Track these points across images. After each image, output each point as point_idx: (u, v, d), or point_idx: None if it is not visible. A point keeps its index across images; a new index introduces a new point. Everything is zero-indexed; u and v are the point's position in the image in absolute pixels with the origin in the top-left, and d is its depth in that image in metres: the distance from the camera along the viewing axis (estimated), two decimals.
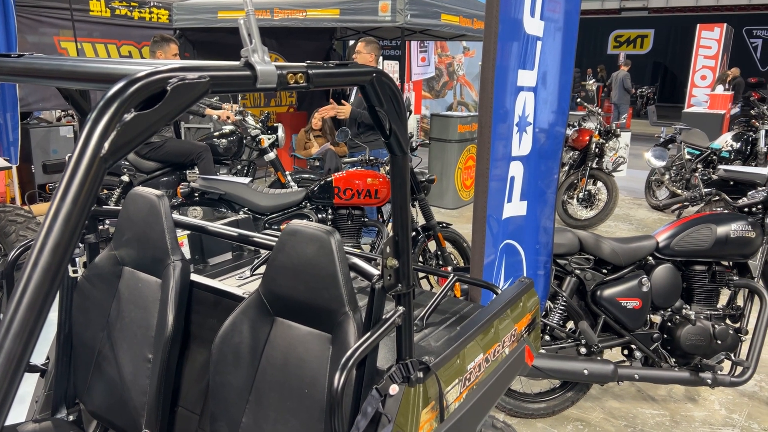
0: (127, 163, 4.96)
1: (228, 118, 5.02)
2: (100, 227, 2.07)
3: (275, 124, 5.35)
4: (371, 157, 4.33)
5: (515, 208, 2.41)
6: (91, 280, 1.94)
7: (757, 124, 13.03)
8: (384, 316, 1.37)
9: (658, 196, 7.30)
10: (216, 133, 5.28)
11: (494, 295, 2.11)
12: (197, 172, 5.12)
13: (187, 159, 5.02)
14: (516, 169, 2.36)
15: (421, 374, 1.41)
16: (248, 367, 1.59)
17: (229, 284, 2.19)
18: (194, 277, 1.93)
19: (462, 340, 1.58)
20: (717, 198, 3.22)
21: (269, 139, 5.18)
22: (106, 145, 0.74)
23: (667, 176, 6.94)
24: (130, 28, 7.14)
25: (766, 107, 6.59)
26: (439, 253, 4.08)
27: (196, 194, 4.02)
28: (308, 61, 1.10)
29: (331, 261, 1.48)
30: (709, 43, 12.63)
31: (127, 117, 0.75)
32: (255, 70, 0.94)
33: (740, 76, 13.55)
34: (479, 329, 1.65)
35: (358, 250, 2.22)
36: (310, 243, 1.52)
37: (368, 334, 1.30)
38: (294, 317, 1.57)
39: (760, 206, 3.03)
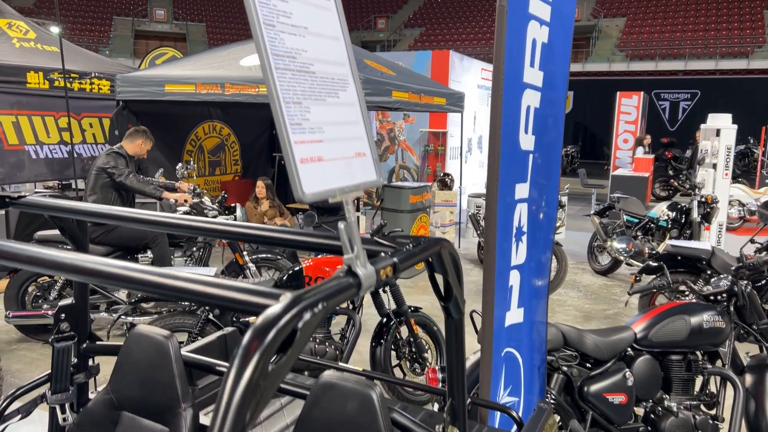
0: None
1: (186, 201, 4.86)
2: (90, 363, 1.90)
3: (233, 204, 5.23)
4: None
5: (514, 315, 2.42)
6: (84, 428, 1.77)
7: (675, 183, 13.92)
8: None
9: (601, 261, 7.61)
10: None
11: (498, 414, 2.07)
12: (150, 256, 4.89)
13: (141, 243, 4.80)
14: (514, 278, 2.38)
15: None
16: None
17: None
18: (202, 419, 1.80)
19: None
20: (683, 287, 3.37)
21: (227, 220, 5.04)
22: (253, 402, 0.68)
23: (609, 242, 7.26)
24: (70, 99, 6.87)
25: (695, 180, 7.07)
26: (411, 339, 4.03)
27: None
28: (391, 247, 1.07)
29: (374, 419, 1.41)
30: (629, 110, 13.61)
31: (270, 367, 0.71)
32: (359, 278, 0.90)
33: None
34: None
35: (399, 404, 2.10)
36: (350, 398, 1.44)
37: None
38: None
39: (724, 294, 3.20)
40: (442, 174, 9.71)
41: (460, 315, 1.27)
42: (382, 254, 1.02)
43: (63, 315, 1.77)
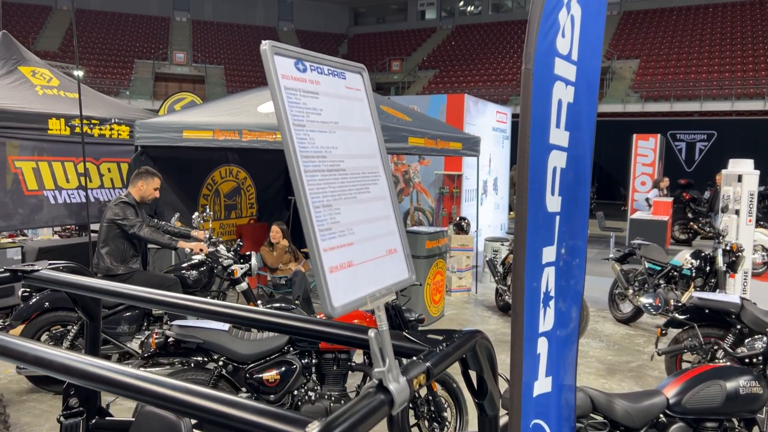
0: None
1: (201, 250, 4.82)
2: None
3: (248, 253, 5.17)
4: None
5: (542, 385, 2.30)
6: None
7: (695, 226, 13.69)
8: None
9: (623, 309, 7.41)
10: (185, 264, 5.03)
11: None
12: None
13: None
14: (542, 346, 2.27)
15: None
16: None
17: None
18: None
19: None
20: (716, 347, 3.23)
21: (242, 268, 4.98)
22: None
23: (630, 290, 7.09)
24: (89, 145, 6.94)
25: (719, 226, 6.91)
26: (430, 398, 3.89)
27: (170, 341, 3.73)
28: (422, 347, 1.00)
29: None
30: (646, 152, 13.53)
31: None
32: (391, 394, 0.82)
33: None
34: None
35: None
36: None
37: None
38: None
39: (760, 357, 3.05)
40: (458, 218, 9.64)
41: (495, 412, 1.18)
42: (414, 358, 0.94)
43: (72, 390, 1.70)
